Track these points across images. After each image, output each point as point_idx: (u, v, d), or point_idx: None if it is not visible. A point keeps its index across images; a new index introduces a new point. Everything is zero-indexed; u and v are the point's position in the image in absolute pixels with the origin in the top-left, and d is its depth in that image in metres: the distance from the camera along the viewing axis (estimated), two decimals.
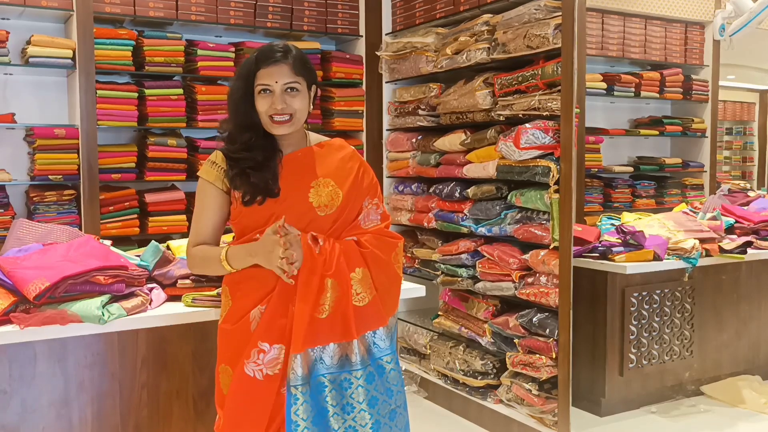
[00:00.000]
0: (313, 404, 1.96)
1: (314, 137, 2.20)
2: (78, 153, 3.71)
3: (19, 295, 2.15)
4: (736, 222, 4.06)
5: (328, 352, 1.98)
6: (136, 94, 3.87)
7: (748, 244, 3.84)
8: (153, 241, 2.62)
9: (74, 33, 3.66)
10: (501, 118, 3.55)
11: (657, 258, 3.52)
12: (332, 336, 1.99)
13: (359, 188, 2.14)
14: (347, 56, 4.45)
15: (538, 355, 3.33)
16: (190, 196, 3.94)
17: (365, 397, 1.99)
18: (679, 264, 3.58)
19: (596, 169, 4.42)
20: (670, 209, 4.33)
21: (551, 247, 3.27)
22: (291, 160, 2.10)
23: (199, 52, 3.99)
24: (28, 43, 3.64)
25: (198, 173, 2.13)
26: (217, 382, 2.12)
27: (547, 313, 3.34)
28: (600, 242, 3.60)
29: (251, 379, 1.98)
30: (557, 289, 3.23)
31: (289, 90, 2.02)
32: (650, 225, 3.81)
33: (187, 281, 2.45)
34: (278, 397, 1.99)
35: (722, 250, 3.74)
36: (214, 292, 2.36)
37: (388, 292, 2.12)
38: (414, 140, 4.24)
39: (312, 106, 2.13)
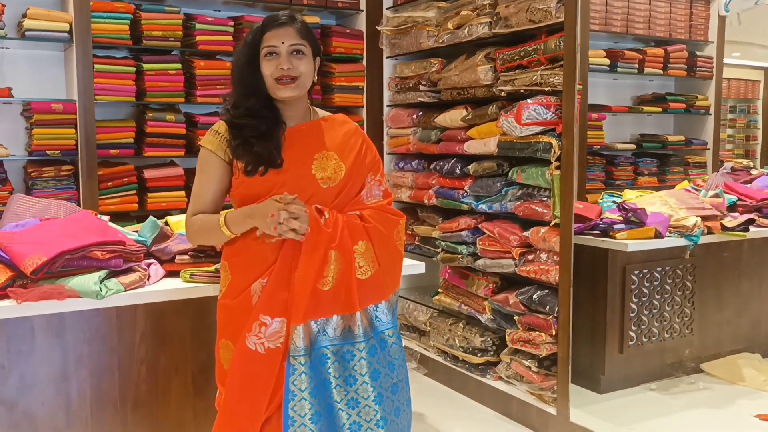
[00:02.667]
0: (314, 376, 1.96)
1: (319, 112, 2.21)
2: (76, 128, 3.68)
3: (16, 269, 2.14)
4: (739, 200, 4.04)
5: (331, 324, 1.98)
6: (134, 69, 3.84)
7: (750, 221, 3.82)
8: (151, 216, 2.60)
9: (71, 6, 3.62)
10: (502, 94, 3.52)
11: (658, 235, 3.50)
12: (335, 308, 1.99)
13: (362, 163, 2.14)
14: (347, 31, 4.40)
15: (537, 332, 3.32)
16: (189, 172, 3.92)
17: (368, 369, 2.00)
18: (680, 241, 3.56)
19: (598, 147, 4.39)
20: (673, 187, 4.31)
21: (552, 224, 3.25)
22: (295, 133, 2.09)
23: (198, 26, 3.94)
24: (24, 16, 3.60)
25: (200, 142, 2.12)
26: (217, 357, 2.12)
27: (547, 291, 3.33)
28: (601, 219, 3.58)
29: (253, 353, 1.98)
30: (557, 266, 3.21)
31: (295, 53, 2.03)
32: (652, 202, 3.79)
33: (185, 257, 2.44)
34: (281, 371, 1.98)
35: (724, 228, 3.71)
36: (212, 268, 2.35)
37: (390, 267, 2.12)
38: (414, 116, 4.20)
39: (317, 78, 2.13)
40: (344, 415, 1.96)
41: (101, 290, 2.14)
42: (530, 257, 3.40)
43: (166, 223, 2.69)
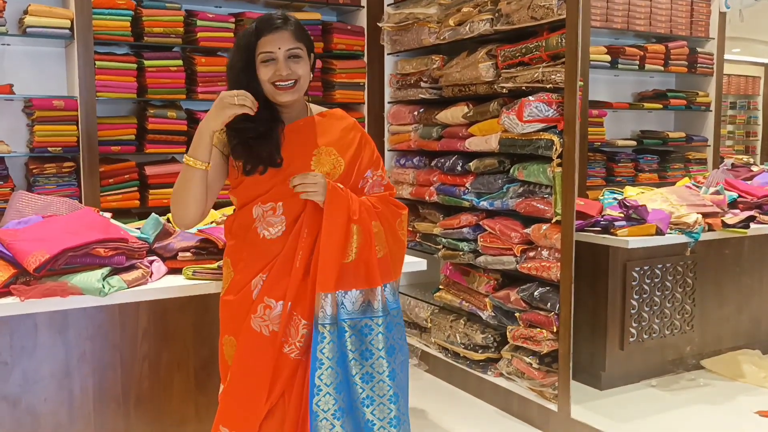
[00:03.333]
0: (339, 345, 1.98)
1: (315, 108, 2.21)
2: (77, 125, 3.68)
3: (19, 267, 2.15)
4: (740, 196, 4.04)
5: (349, 298, 2.01)
6: (135, 66, 3.83)
7: (751, 218, 3.82)
8: (153, 213, 2.61)
9: (72, 3, 3.62)
10: (504, 91, 3.52)
11: (659, 232, 3.50)
12: (356, 282, 2.02)
13: (361, 159, 2.15)
14: (348, 27, 4.40)
15: (538, 329, 3.33)
16: None
17: (384, 344, 2.02)
18: (681, 238, 3.57)
19: (599, 143, 4.39)
20: (673, 183, 4.31)
21: (553, 221, 3.26)
22: (293, 130, 2.10)
23: (199, 22, 3.94)
24: (26, 12, 3.59)
25: None
26: (221, 354, 2.13)
27: (548, 287, 3.33)
28: (602, 216, 3.58)
29: (257, 335, 2.01)
30: (559, 263, 3.22)
31: (291, 57, 2.02)
32: (653, 199, 3.79)
33: (188, 254, 2.45)
34: (282, 357, 2.00)
35: (725, 225, 3.72)
36: (215, 265, 2.35)
37: (395, 252, 2.15)
38: (416, 113, 4.20)
39: (312, 75, 2.12)
40: (359, 389, 1.98)
41: (104, 287, 2.14)
42: (531, 254, 3.41)
43: (168, 220, 2.69)
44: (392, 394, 2.00)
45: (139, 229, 2.58)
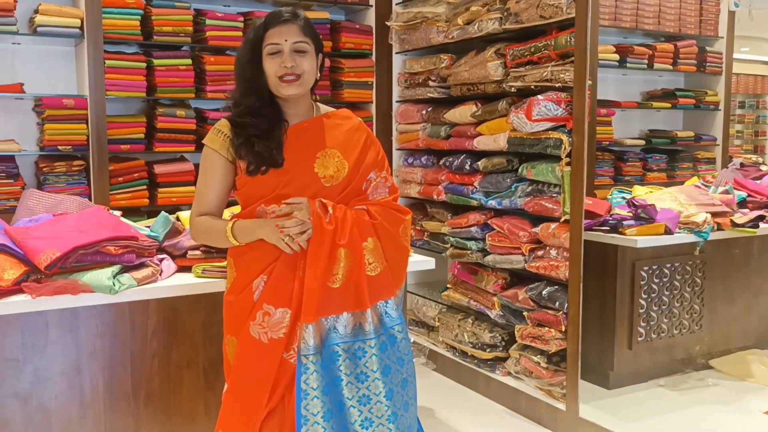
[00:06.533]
0: (325, 374, 1.97)
1: (323, 108, 2.20)
2: (87, 123, 3.70)
3: (31, 264, 2.16)
4: (749, 196, 4.03)
5: (341, 322, 1.99)
6: (144, 65, 3.85)
7: (761, 218, 3.81)
8: (163, 211, 2.62)
9: (82, 2, 3.64)
10: (512, 90, 3.51)
11: (668, 232, 3.50)
12: (345, 305, 2.00)
13: (365, 160, 2.13)
14: (357, 26, 4.41)
15: (547, 328, 3.33)
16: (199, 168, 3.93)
17: (379, 365, 2.00)
18: (690, 238, 3.56)
19: (607, 142, 4.38)
20: (682, 183, 4.30)
21: (562, 220, 3.25)
22: (297, 131, 2.09)
23: (208, 21, 3.95)
24: (36, 12, 3.62)
25: (203, 141, 2.12)
26: (224, 353, 2.13)
27: (556, 287, 3.33)
28: (611, 215, 3.58)
29: (256, 342, 2.00)
30: (567, 263, 3.22)
31: (297, 51, 2.02)
32: (662, 198, 3.78)
33: (197, 252, 2.46)
34: (282, 363, 1.99)
35: (734, 224, 3.71)
36: (224, 263, 2.36)
37: (396, 264, 2.12)
38: (424, 112, 4.20)
39: (320, 75, 2.12)
40: (356, 412, 1.96)
41: (114, 285, 2.16)
42: (540, 253, 3.41)
43: (178, 219, 2.70)
44: (390, 414, 1.99)
45: (148, 227, 2.59)
